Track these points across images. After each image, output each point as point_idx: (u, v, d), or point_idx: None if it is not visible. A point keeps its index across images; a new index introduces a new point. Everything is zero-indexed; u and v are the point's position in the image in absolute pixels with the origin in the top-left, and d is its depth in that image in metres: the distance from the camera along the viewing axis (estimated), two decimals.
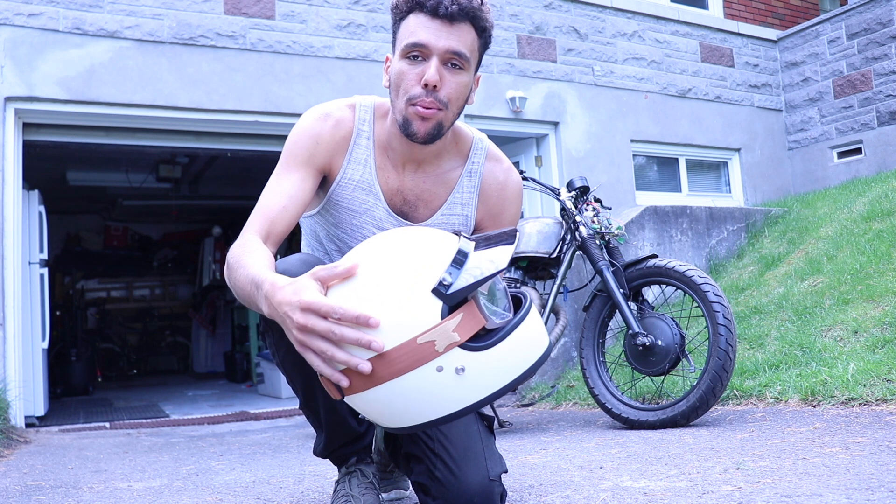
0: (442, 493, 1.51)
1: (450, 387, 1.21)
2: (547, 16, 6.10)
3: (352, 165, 1.63)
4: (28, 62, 4.41)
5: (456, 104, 1.54)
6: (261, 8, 5.05)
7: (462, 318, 1.19)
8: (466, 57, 1.51)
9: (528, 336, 1.26)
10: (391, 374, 1.19)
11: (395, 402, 1.22)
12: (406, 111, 1.51)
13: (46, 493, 2.40)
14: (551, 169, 5.96)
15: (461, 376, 1.20)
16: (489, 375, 1.22)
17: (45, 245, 5.18)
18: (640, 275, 3.21)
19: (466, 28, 1.51)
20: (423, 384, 1.20)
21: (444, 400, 1.22)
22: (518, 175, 1.77)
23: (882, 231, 4.51)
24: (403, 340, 1.18)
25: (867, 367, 2.98)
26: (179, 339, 11.05)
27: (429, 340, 1.18)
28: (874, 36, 6.61)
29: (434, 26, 1.48)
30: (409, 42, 1.49)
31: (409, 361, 1.18)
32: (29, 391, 4.55)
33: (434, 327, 1.18)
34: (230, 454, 3.21)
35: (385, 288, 1.21)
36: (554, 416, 3.86)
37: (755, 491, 1.69)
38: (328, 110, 1.64)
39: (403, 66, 1.51)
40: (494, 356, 1.22)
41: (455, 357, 1.19)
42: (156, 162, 7.55)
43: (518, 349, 1.24)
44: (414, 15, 1.50)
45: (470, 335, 1.20)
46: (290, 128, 1.66)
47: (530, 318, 1.28)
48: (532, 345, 1.27)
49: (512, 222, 1.73)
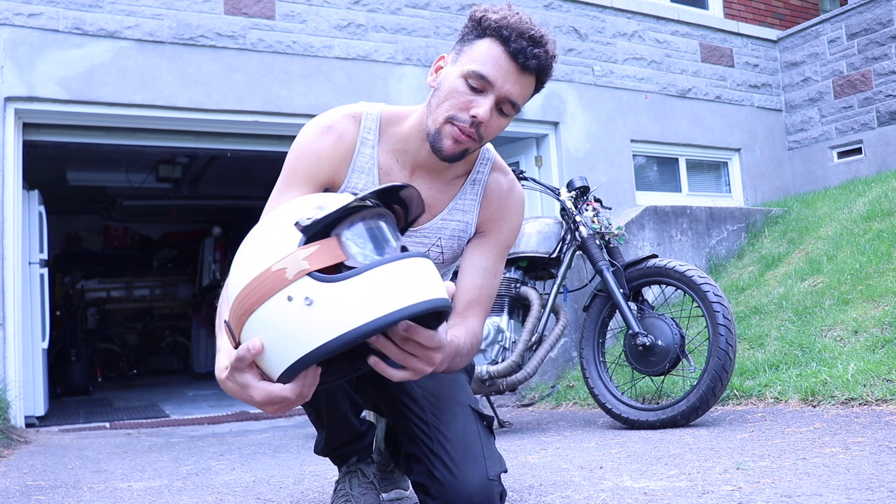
0: (441, 492, 1.51)
1: (302, 319, 1.17)
2: (547, 16, 6.10)
3: (355, 175, 1.61)
4: (28, 62, 4.41)
5: (488, 140, 1.57)
6: (261, 8, 5.05)
7: (318, 249, 1.19)
8: (519, 107, 1.53)
9: (392, 281, 1.17)
10: (252, 304, 1.20)
11: (264, 337, 1.20)
12: (442, 126, 1.51)
13: (46, 493, 2.40)
14: (551, 169, 5.96)
15: (311, 308, 1.16)
16: (341, 312, 1.16)
17: (45, 245, 5.17)
18: (640, 275, 3.21)
19: (530, 80, 1.52)
20: (277, 315, 1.18)
21: (300, 334, 1.18)
22: (521, 189, 1.77)
23: (882, 231, 4.51)
24: (261, 270, 1.20)
25: (867, 367, 2.98)
26: (179, 339, 11.05)
27: (281, 268, 1.19)
28: (874, 36, 6.61)
29: (507, 68, 1.48)
30: (477, 71, 1.48)
31: (263, 289, 1.19)
32: (29, 391, 4.55)
33: (288, 255, 1.19)
34: (230, 454, 3.21)
35: (258, 233, 1.28)
36: (554, 416, 3.86)
37: (755, 491, 1.69)
38: (331, 122, 1.62)
39: (459, 86, 1.50)
40: (345, 291, 1.16)
41: (304, 286, 1.17)
42: (156, 162, 7.55)
43: (376, 291, 1.16)
44: (492, 42, 1.49)
45: (321, 265, 1.18)
46: (290, 128, 1.67)
47: (401, 265, 1.19)
48: (400, 291, 1.17)
49: (512, 229, 1.72)
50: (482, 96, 1.49)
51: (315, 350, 1.16)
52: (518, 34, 1.47)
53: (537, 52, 1.48)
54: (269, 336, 1.20)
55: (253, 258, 1.24)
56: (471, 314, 1.63)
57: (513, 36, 1.47)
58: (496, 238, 1.70)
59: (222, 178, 8.27)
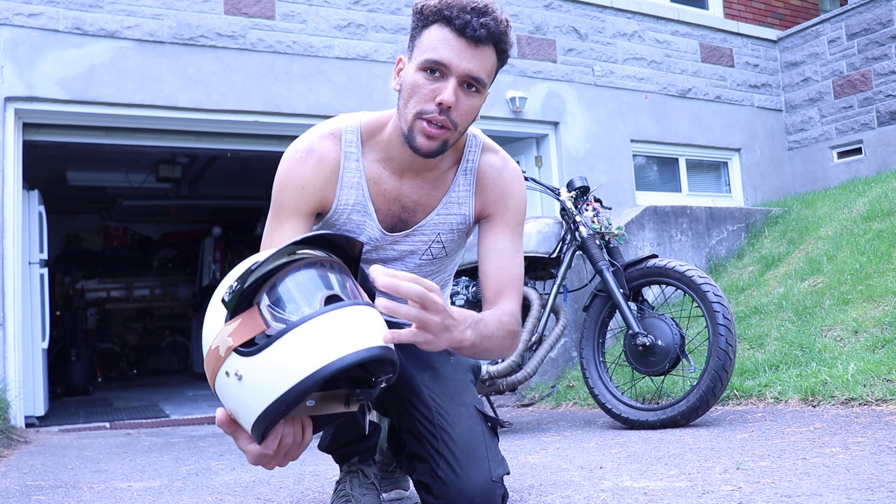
0: (444, 492, 1.51)
1: (240, 392, 1.20)
2: (547, 16, 6.10)
3: (344, 191, 1.61)
4: (28, 62, 4.41)
5: (465, 124, 1.52)
6: (261, 8, 5.05)
7: (239, 323, 1.20)
8: (484, 81, 1.49)
9: (298, 347, 1.16)
10: (210, 378, 1.26)
11: (226, 406, 1.25)
12: (413, 124, 1.49)
13: (46, 493, 2.40)
14: (551, 169, 5.96)
15: (242, 382, 1.18)
16: (263, 384, 1.17)
17: (45, 245, 5.17)
18: (640, 275, 3.21)
19: (489, 51, 1.48)
20: (225, 389, 1.22)
21: (243, 405, 1.21)
22: (515, 163, 1.74)
23: (882, 231, 4.51)
24: (207, 349, 1.24)
25: (867, 367, 2.98)
26: (179, 339, 11.04)
27: (215, 346, 1.22)
28: (874, 36, 6.61)
29: (458, 46, 1.45)
30: (430, 58, 1.45)
31: (211, 367, 1.24)
32: (29, 391, 4.55)
33: (219, 333, 1.21)
34: (230, 454, 3.21)
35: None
36: (554, 416, 3.86)
37: (755, 491, 1.69)
38: (309, 145, 1.60)
39: (419, 79, 1.47)
40: (264, 362, 1.17)
41: (233, 362, 1.19)
42: (156, 162, 7.55)
43: (291, 357, 1.16)
44: (438, 27, 1.46)
45: (243, 339, 1.19)
46: (290, 128, 1.67)
47: (315, 324, 1.18)
48: (313, 354, 1.16)
49: (518, 205, 1.68)
50: (443, 81, 1.46)
51: (257, 419, 1.19)
52: (459, 9, 1.43)
53: (484, 22, 1.44)
54: (227, 406, 1.25)
55: (204, 335, 1.28)
56: (502, 298, 1.60)
57: (454, 13, 1.43)
58: (504, 217, 1.67)
59: (222, 178, 8.27)
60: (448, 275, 1.82)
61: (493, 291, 1.61)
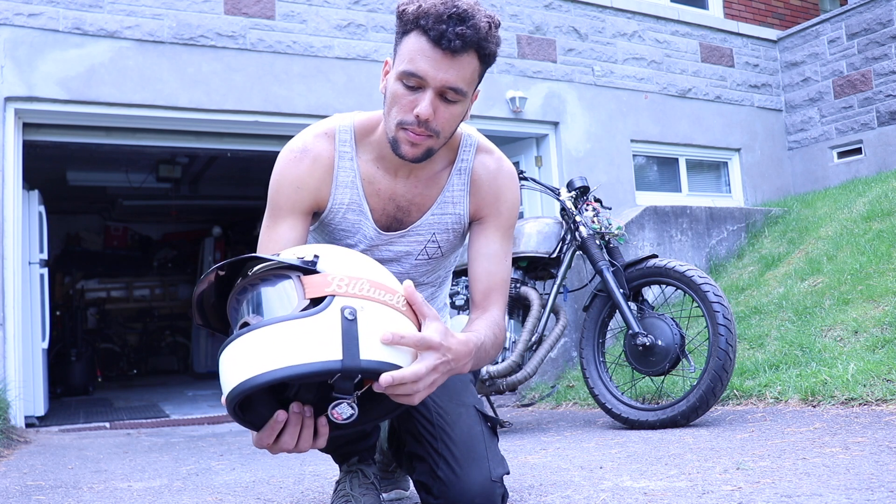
0: (443, 492, 1.52)
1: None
2: (547, 16, 6.10)
3: (339, 190, 1.61)
4: (28, 62, 4.41)
5: (448, 131, 1.51)
6: (261, 8, 5.05)
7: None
8: (463, 90, 1.46)
9: (236, 357, 1.22)
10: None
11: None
12: (396, 133, 1.49)
13: (46, 493, 2.40)
14: (551, 169, 5.96)
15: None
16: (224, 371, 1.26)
17: (45, 245, 5.18)
18: (640, 275, 3.21)
19: (468, 59, 1.44)
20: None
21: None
22: (511, 164, 1.74)
23: (882, 231, 4.51)
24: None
25: (867, 367, 2.98)
26: (179, 339, 11.05)
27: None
28: (874, 36, 6.61)
29: (434, 57, 1.41)
30: (407, 70, 1.43)
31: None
32: (29, 391, 4.55)
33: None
34: (230, 454, 3.21)
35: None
36: (554, 416, 3.86)
37: (755, 491, 1.69)
38: (304, 145, 1.61)
39: (398, 89, 1.46)
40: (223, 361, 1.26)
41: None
42: (156, 162, 7.55)
43: (230, 366, 1.23)
44: (416, 36, 1.42)
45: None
46: (290, 128, 1.67)
47: (240, 342, 1.22)
48: (239, 366, 1.21)
49: (510, 208, 1.68)
50: (420, 93, 1.44)
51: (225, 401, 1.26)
52: (436, 19, 1.39)
53: (461, 31, 1.39)
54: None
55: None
56: (490, 303, 1.61)
57: (429, 23, 1.39)
58: (496, 220, 1.67)
59: (222, 178, 8.27)
60: (445, 274, 1.82)
61: (482, 295, 1.62)
